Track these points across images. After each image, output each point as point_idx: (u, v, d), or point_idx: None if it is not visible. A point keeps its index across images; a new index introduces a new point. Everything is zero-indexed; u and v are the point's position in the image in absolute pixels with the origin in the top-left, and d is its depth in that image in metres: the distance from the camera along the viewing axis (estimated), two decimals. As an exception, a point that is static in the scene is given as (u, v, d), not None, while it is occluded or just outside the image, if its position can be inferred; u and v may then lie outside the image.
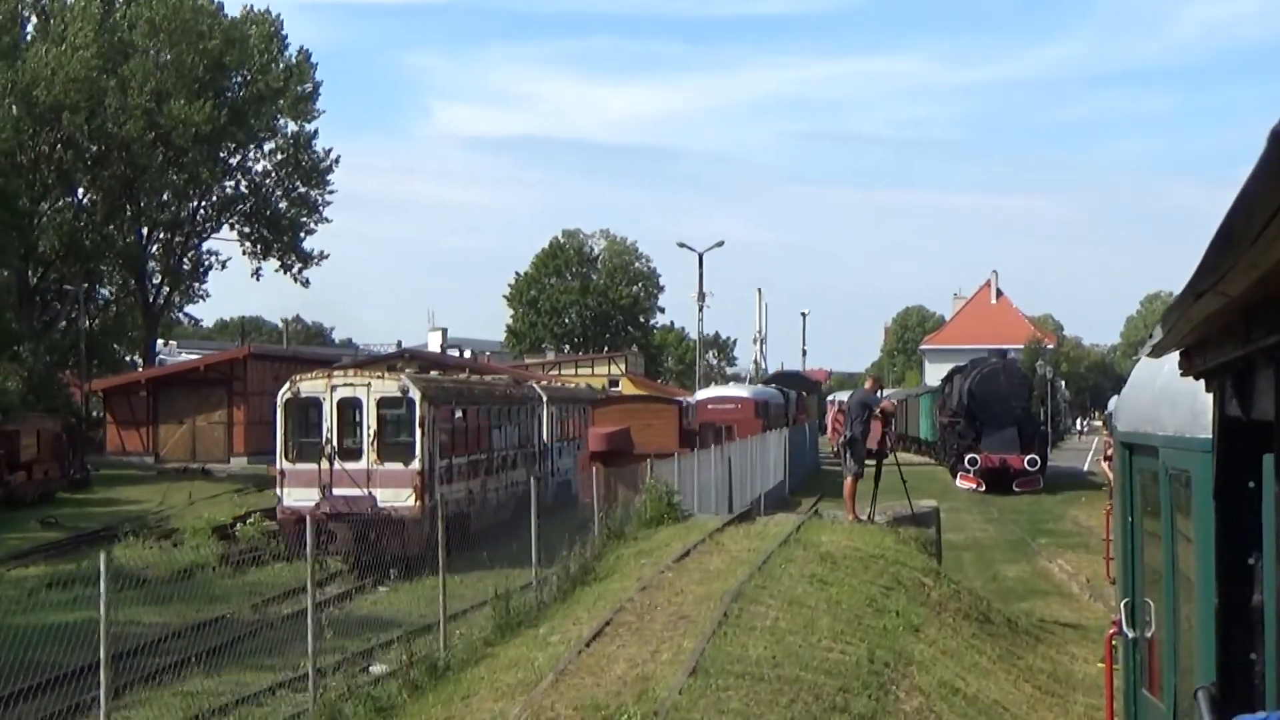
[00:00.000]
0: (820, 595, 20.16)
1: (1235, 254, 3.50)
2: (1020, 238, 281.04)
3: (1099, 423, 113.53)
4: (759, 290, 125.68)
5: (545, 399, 49.95)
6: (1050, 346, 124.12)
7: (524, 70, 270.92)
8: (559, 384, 68.47)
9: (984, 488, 63.98)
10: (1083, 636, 26.91)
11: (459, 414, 40.14)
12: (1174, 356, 6.54)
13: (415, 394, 36.28)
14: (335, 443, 36.11)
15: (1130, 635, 9.98)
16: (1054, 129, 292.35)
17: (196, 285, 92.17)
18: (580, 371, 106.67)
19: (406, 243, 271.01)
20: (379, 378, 37.68)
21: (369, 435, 36.18)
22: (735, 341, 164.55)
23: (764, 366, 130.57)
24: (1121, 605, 10.19)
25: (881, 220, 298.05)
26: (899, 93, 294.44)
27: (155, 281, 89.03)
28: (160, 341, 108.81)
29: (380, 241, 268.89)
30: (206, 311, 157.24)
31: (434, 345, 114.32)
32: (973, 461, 64.88)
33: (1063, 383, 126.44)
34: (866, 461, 28.03)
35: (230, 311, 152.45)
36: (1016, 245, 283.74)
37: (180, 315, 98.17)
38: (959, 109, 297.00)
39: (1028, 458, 64.38)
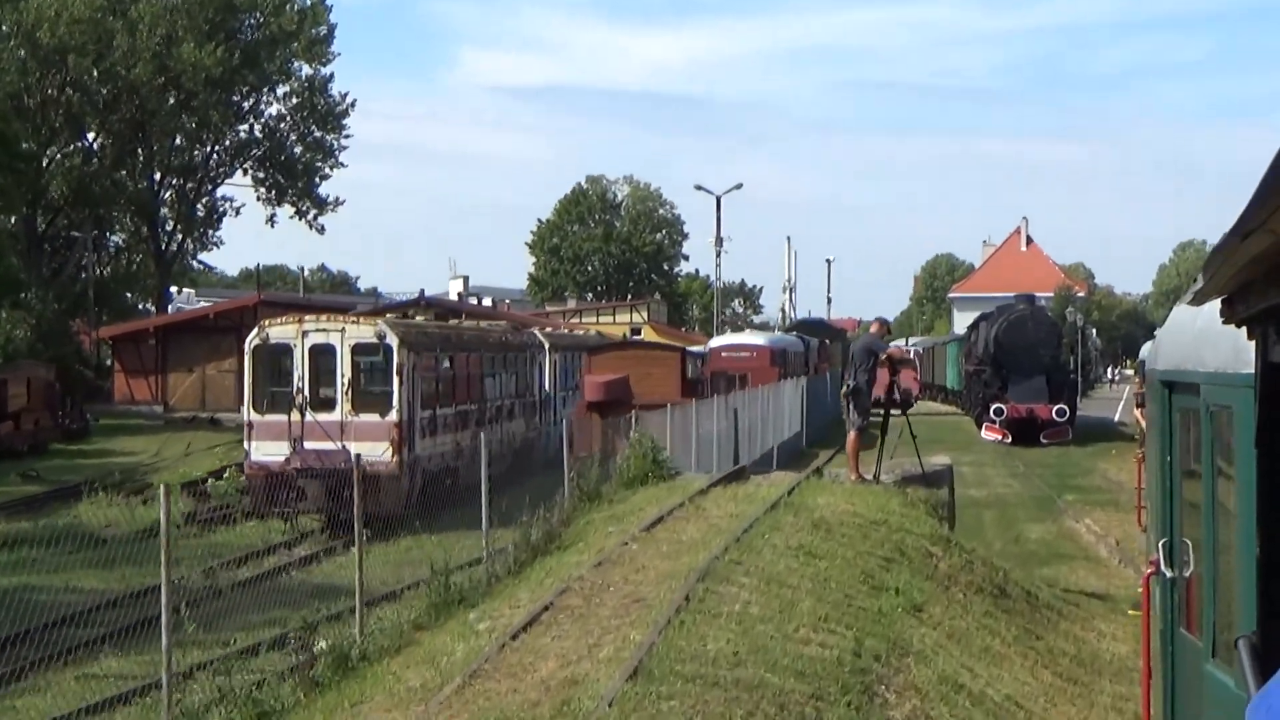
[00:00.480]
0: (806, 571, 17.10)
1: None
2: (1052, 186, 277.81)
3: (1130, 371, 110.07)
4: (788, 239, 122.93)
5: (548, 346, 46.97)
6: (1081, 294, 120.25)
7: (555, 16, 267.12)
8: (582, 331, 66.05)
9: (1010, 439, 60.16)
10: (1111, 610, 23.84)
11: (446, 362, 37.17)
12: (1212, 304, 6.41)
13: (393, 340, 33.29)
14: (307, 392, 33.19)
15: (1169, 575, 9.81)
16: (1089, 76, 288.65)
17: (210, 232, 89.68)
18: (602, 320, 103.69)
19: (434, 191, 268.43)
20: (354, 323, 34.64)
21: (343, 384, 33.21)
22: (761, 290, 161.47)
23: (792, 315, 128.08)
24: (1160, 545, 10.02)
25: (914, 169, 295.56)
26: (935, 40, 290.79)
27: (168, 229, 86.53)
28: (179, 290, 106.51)
29: (408, 190, 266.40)
30: (232, 260, 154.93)
31: (455, 293, 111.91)
32: (999, 412, 61.32)
33: (1093, 331, 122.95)
34: (874, 413, 25.06)
35: (258, 260, 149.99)
36: (1048, 194, 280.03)
37: (195, 263, 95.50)
38: (995, 56, 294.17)
39: (1056, 408, 60.53)
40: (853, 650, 14.33)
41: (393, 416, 33.01)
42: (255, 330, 34.24)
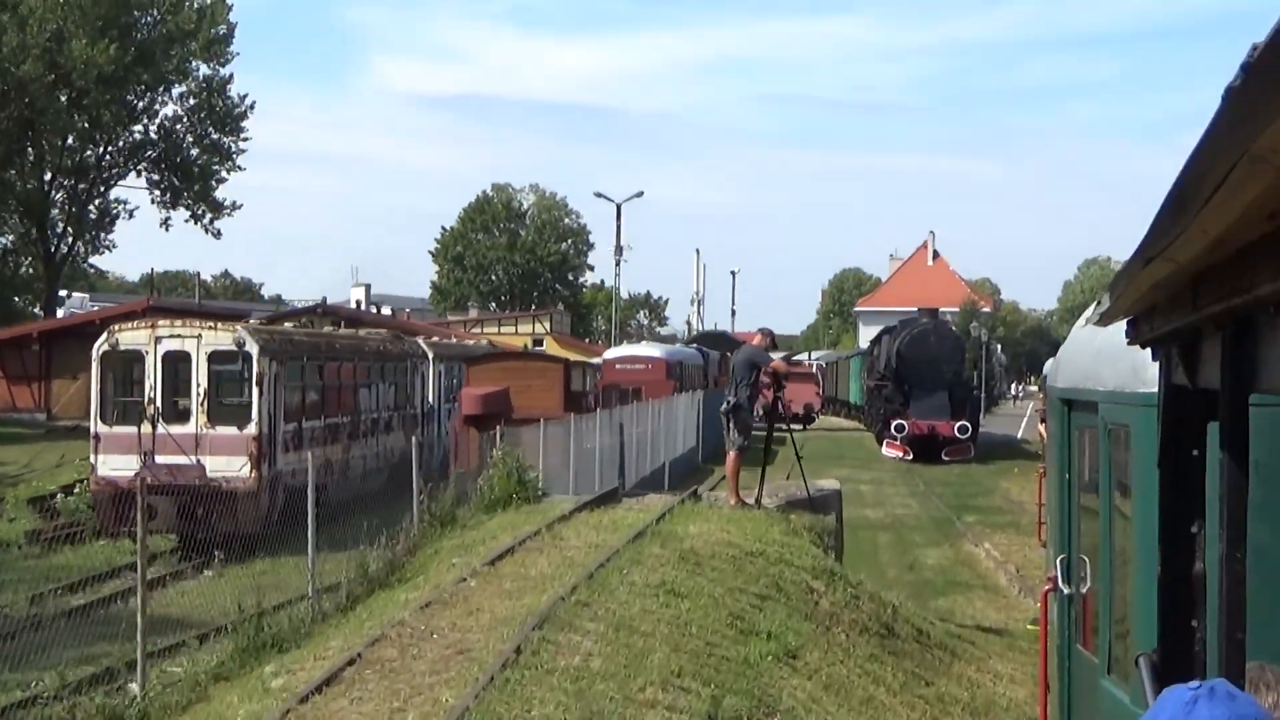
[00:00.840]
0: (664, 614, 14.91)
1: (1185, 219, 3.40)
2: (962, 201, 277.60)
3: (1035, 387, 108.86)
4: (697, 251, 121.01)
5: (432, 356, 44.56)
6: (986, 309, 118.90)
7: (469, 26, 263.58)
8: (472, 342, 63.72)
9: (911, 456, 58.72)
10: (1009, 646, 21.87)
11: (315, 372, 34.74)
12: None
13: (253, 347, 30.76)
14: (159, 403, 30.66)
15: (1066, 591, 9.96)
16: (1001, 93, 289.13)
17: (103, 235, 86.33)
18: (504, 330, 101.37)
19: (340, 198, 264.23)
20: (210, 328, 32.02)
21: (198, 394, 30.69)
22: (667, 301, 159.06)
23: (700, 327, 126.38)
24: (1057, 562, 10.15)
25: (826, 183, 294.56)
26: (848, 55, 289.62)
27: (59, 231, 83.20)
28: (71, 294, 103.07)
29: (315, 196, 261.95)
30: (134, 265, 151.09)
31: (356, 302, 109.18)
32: (900, 428, 59.50)
33: (998, 346, 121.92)
34: (756, 429, 23.00)
35: (159, 265, 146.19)
36: (958, 209, 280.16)
37: (87, 266, 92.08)
38: (908, 71, 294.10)
39: (958, 424, 58.77)
40: (707, 713, 12.19)
41: (251, 429, 30.50)
42: (104, 335, 31.66)
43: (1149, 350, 6.26)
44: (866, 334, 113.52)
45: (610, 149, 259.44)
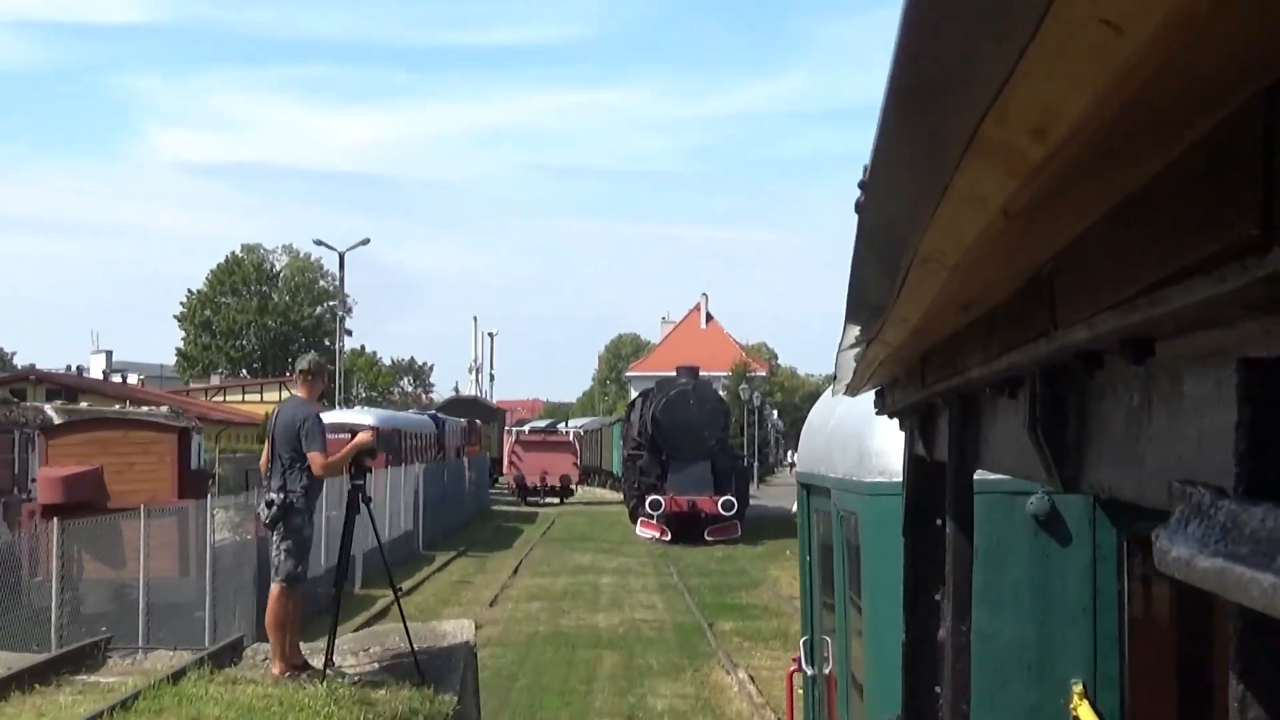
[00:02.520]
0: None
1: (880, 313, 3.52)
2: (740, 268, 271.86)
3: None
4: (474, 319, 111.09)
5: (57, 422, 33.79)
6: (761, 373, 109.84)
7: (246, 96, 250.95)
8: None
9: (669, 536, 48.85)
10: None
11: None
12: (845, 399, 6.98)
13: None
14: None
15: (810, 672, 10.02)
16: (777, 163, 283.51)
17: None
18: (249, 397, 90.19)
19: (99, 265, 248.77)
20: None
21: None
22: (432, 367, 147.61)
23: (479, 395, 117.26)
24: (801, 643, 10.18)
25: (605, 251, 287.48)
26: (624, 125, 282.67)
27: None
28: None
29: (72, 263, 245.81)
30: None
31: (97, 368, 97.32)
32: (655, 505, 49.32)
33: (774, 412, 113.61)
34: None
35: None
36: (735, 276, 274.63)
37: None
38: (684, 142, 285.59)
39: (722, 500, 48.73)
40: None
41: None
42: None
43: (879, 435, 6.89)
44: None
45: (386, 218, 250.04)
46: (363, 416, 46.01)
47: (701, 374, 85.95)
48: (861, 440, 7.27)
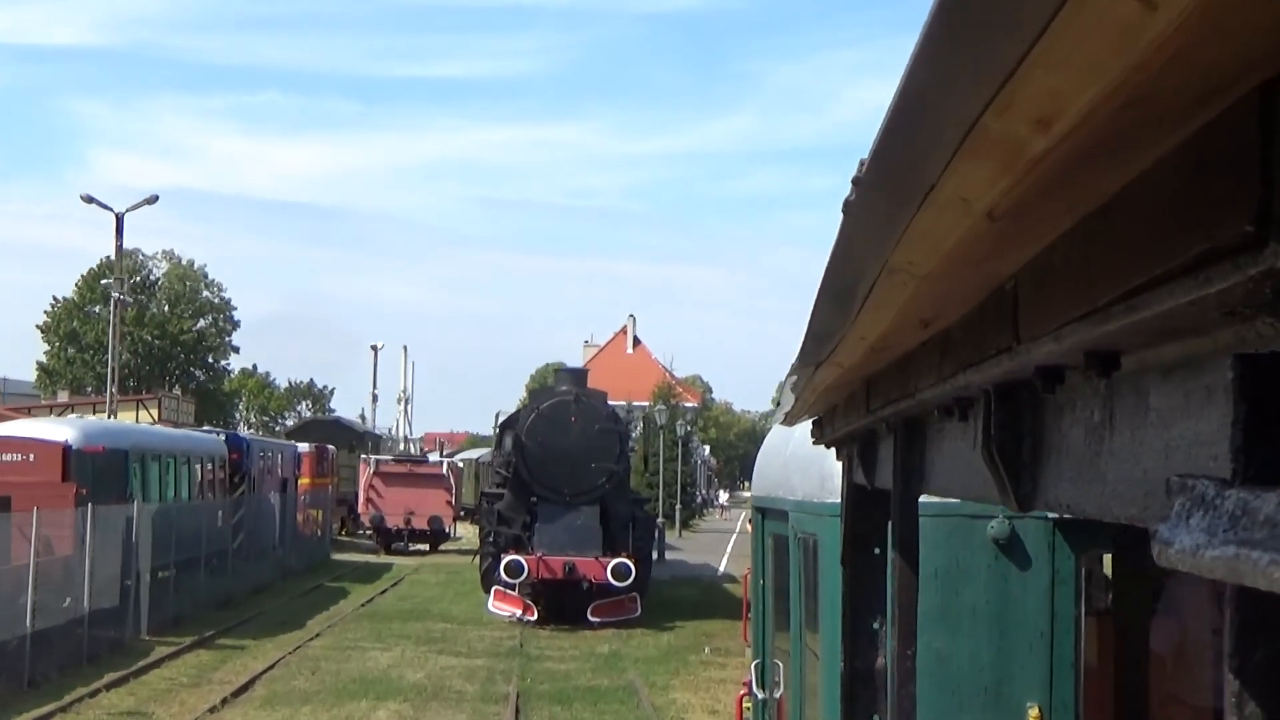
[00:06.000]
0: None
1: (844, 325, 3.44)
2: (677, 304, 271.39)
3: (748, 494, 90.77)
4: (404, 348, 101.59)
5: None
6: (691, 404, 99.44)
7: (192, 123, 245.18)
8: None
9: (535, 616, 34.23)
10: None
11: None
12: (806, 424, 6.97)
13: None
14: None
15: (760, 696, 10.07)
16: (724, 203, 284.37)
17: None
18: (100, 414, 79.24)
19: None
20: None
21: None
22: (333, 391, 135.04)
23: (409, 429, 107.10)
24: (752, 667, 10.35)
25: (542, 285, 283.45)
26: (571, 161, 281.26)
27: None
28: None
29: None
30: None
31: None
32: (516, 568, 33.50)
33: (706, 448, 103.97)
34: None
35: None
36: (672, 311, 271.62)
37: None
38: (630, 179, 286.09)
39: (614, 564, 33.60)
40: None
41: None
42: None
43: (837, 459, 6.60)
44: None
45: (332, 250, 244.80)
46: (40, 430, 32.47)
47: (630, 403, 75.27)
48: (823, 463, 7.37)
